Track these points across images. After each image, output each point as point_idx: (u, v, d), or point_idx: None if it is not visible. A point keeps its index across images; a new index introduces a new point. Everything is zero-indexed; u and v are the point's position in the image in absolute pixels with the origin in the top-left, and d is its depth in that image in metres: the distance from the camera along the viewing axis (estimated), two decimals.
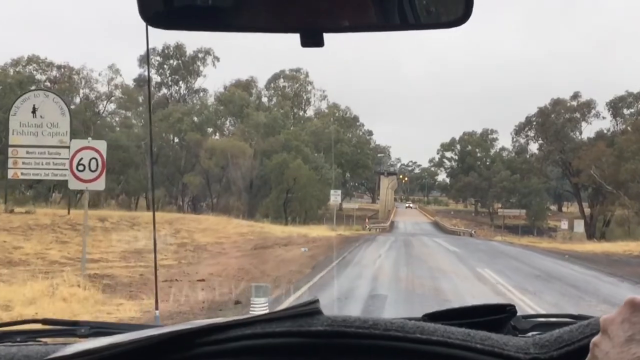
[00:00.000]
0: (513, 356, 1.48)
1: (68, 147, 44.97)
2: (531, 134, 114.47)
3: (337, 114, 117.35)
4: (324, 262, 33.49)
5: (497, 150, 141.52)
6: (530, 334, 1.84)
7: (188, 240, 43.17)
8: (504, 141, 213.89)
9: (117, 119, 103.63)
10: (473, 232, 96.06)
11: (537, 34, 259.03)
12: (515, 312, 1.94)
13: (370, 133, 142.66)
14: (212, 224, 55.55)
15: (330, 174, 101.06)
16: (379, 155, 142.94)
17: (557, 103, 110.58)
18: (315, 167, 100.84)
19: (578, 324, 1.52)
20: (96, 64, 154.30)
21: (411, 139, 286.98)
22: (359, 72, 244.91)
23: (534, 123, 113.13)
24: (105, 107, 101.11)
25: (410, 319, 1.64)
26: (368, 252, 42.76)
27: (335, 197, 74.78)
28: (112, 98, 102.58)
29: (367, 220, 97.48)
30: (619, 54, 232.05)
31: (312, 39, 1.57)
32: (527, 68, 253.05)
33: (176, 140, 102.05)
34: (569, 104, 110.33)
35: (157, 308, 4.12)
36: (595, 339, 1.20)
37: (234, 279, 25.76)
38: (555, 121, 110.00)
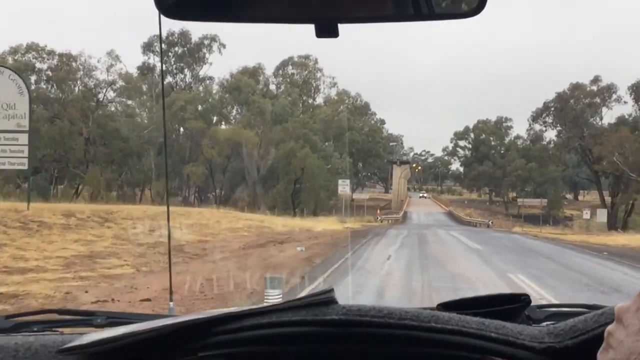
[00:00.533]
0: (528, 345, 1.48)
1: (27, 132, 37.86)
2: (549, 120, 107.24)
3: (347, 101, 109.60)
4: (319, 267, 26.38)
5: (512, 139, 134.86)
6: (544, 323, 1.74)
7: (166, 238, 35.82)
8: (519, 129, 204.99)
9: (119, 107, 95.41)
10: (490, 222, 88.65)
11: (553, 20, 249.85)
12: (530, 301, 1.90)
13: (382, 122, 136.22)
14: (204, 218, 48.52)
15: (341, 163, 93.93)
16: (391, 144, 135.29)
17: (576, 88, 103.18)
18: (325, 156, 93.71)
19: (592, 313, 1.50)
20: (98, 53, 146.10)
21: (424, 128, 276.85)
22: (370, 60, 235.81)
23: (552, 109, 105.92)
24: (105, 95, 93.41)
25: (424, 308, 1.61)
26: (376, 251, 35.50)
27: (343, 187, 67.69)
28: (113, 86, 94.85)
29: (378, 211, 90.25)
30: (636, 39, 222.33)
31: (327, 30, 1.54)
32: (543, 55, 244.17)
33: (181, 130, 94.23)
34: (588, 89, 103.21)
35: (171, 300, 3.82)
36: (610, 327, 1.18)
37: (189, 298, 18.31)
38: (574, 107, 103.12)
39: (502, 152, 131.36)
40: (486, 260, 32.20)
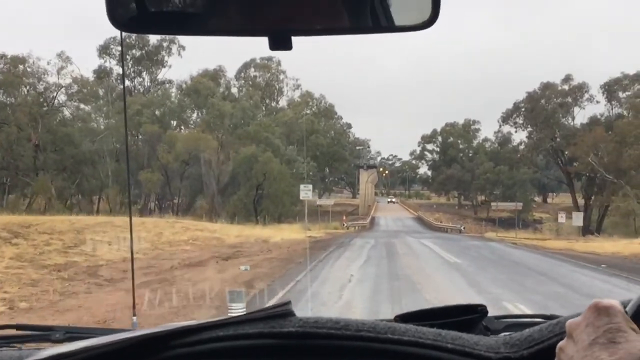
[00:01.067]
0: (484, 355, 1.45)
1: None
2: (519, 121, 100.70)
3: (311, 103, 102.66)
4: (259, 297, 19.09)
5: (480, 142, 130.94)
6: (502, 334, 1.68)
7: (84, 257, 28.79)
8: (487, 132, 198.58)
9: (71, 112, 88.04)
10: (462, 227, 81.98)
11: (519, 23, 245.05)
12: (487, 312, 1.89)
13: (348, 126, 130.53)
14: (145, 229, 41.63)
15: (305, 168, 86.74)
16: (357, 148, 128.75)
17: (547, 87, 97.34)
18: (288, 160, 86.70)
19: (548, 323, 1.49)
20: (50, 55, 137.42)
21: (391, 132, 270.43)
22: (335, 63, 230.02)
23: (523, 109, 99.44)
24: (55, 100, 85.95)
25: (382, 320, 1.59)
26: (336, 268, 28.88)
27: (305, 192, 60.72)
28: (68, 90, 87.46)
29: (344, 217, 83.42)
30: (606, 39, 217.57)
31: (280, 42, 1.52)
32: (510, 57, 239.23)
33: (139, 135, 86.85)
34: (559, 88, 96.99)
35: (134, 314, 3.30)
36: (561, 343, 1.18)
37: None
38: (545, 107, 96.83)
39: (470, 155, 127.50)
40: (471, 280, 25.40)
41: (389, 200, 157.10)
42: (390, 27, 1.58)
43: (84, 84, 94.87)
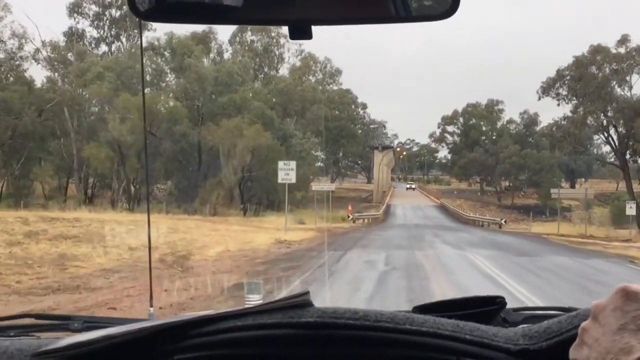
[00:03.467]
0: (502, 347, 1.36)
1: None
2: (563, 92, 74.23)
3: (313, 67, 77.06)
4: None
5: (504, 123, 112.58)
6: (520, 326, 1.53)
7: None
8: (511, 113, 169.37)
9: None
10: (503, 221, 56.27)
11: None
12: (505, 304, 1.73)
13: (364, 106, 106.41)
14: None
15: (304, 145, 61.89)
16: (372, 126, 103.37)
17: (597, 51, 71.47)
18: (283, 136, 61.52)
19: (566, 315, 1.38)
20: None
21: (408, 115, 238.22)
22: (350, 44, 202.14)
23: (568, 78, 72.98)
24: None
25: (400, 311, 1.48)
26: None
27: (286, 172, 36.12)
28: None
29: (350, 208, 58.08)
30: None
31: (300, 31, 1.43)
32: (533, 38, 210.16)
33: (93, 101, 62.05)
34: (614, 52, 70.69)
35: (151, 305, 2.92)
36: (584, 324, 1.09)
37: None
38: (595, 74, 70.13)
39: (493, 137, 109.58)
40: None
41: (408, 186, 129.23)
42: (410, 16, 1.46)
43: (54, 48, 71.18)
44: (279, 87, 68.44)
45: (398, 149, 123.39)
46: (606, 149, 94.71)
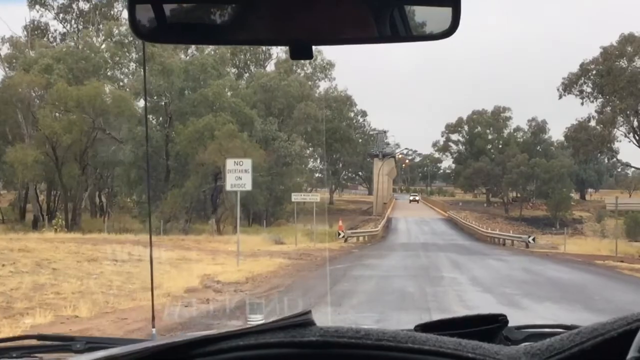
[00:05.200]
0: None
1: None
2: (587, 88, 60.12)
3: (302, 61, 62.58)
4: None
5: (511, 131, 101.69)
6: (522, 344, 1.47)
7: None
8: (519, 120, 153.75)
9: None
10: (531, 239, 42.11)
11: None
12: (507, 322, 1.66)
13: (364, 114, 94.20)
14: None
15: (289, 149, 47.71)
16: (372, 132, 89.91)
17: (628, 41, 57.17)
18: (265, 138, 47.47)
19: (568, 333, 1.32)
20: None
21: (410, 125, 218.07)
22: (349, 52, 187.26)
23: (593, 72, 58.83)
24: None
25: (402, 330, 1.42)
26: None
27: (237, 175, 21.28)
28: None
29: (340, 224, 43.85)
30: None
31: (301, 51, 1.39)
32: (540, 44, 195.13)
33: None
34: None
35: (153, 326, 2.78)
36: None
37: None
38: (625, 68, 56.00)
39: (500, 146, 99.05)
40: None
41: (412, 198, 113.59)
42: (410, 36, 1.41)
43: (14, 45, 58.20)
44: (261, 82, 54.46)
45: (400, 156, 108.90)
46: (621, 156, 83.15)
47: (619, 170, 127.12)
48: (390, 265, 25.88)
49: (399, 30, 1.37)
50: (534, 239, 43.13)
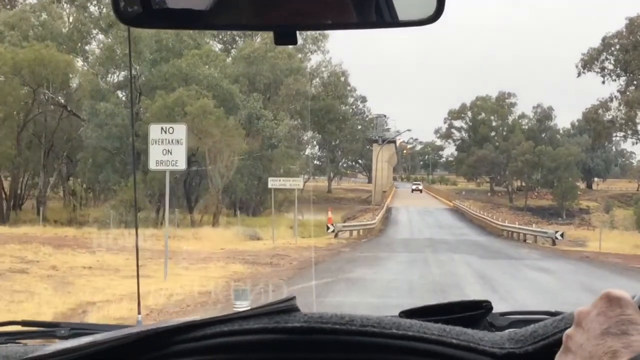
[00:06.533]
0: (488, 351, 1.26)
1: None
2: (609, 65, 51.34)
3: None
4: None
5: (516, 118, 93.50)
6: (506, 330, 1.46)
7: None
8: (523, 107, 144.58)
9: None
10: (559, 234, 33.06)
11: None
12: (491, 308, 1.61)
13: (363, 99, 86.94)
14: None
15: (275, 129, 39.09)
16: (371, 116, 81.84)
17: None
18: (248, 117, 38.98)
19: (552, 319, 1.29)
20: None
21: (411, 114, 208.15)
22: (347, 37, 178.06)
23: (617, 47, 50.03)
24: None
25: (387, 316, 1.37)
26: None
27: (165, 148, 12.11)
28: None
29: (329, 215, 34.98)
30: None
31: (285, 37, 1.32)
32: (545, 29, 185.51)
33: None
34: None
35: (139, 312, 2.83)
36: (568, 331, 1.00)
37: None
38: None
39: (504, 133, 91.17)
40: None
41: (415, 187, 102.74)
42: (395, 22, 1.35)
43: None
44: (243, 53, 45.64)
45: (401, 141, 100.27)
46: (626, 145, 77.80)
47: (623, 159, 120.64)
48: (387, 282, 17.16)
49: (384, 15, 1.30)
50: (562, 235, 34.26)
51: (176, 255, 21.99)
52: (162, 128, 16.12)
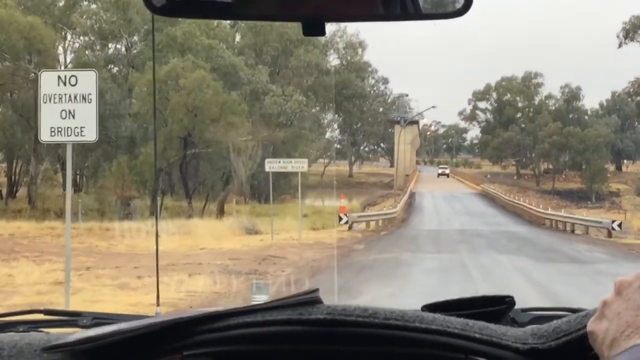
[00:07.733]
0: (512, 346, 1.24)
1: None
2: None
3: None
4: None
5: (543, 99, 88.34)
6: (529, 326, 1.39)
7: None
8: (550, 87, 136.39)
9: None
10: (617, 224, 26.24)
11: None
12: (514, 303, 1.52)
13: (385, 81, 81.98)
14: None
15: (284, 106, 32.90)
16: (393, 96, 76.36)
17: None
18: (252, 91, 32.75)
19: (575, 315, 1.26)
20: None
21: (434, 97, 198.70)
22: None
23: None
24: None
25: (409, 309, 1.36)
26: None
27: (63, 108, 6.67)
28: None
29: (341, 203, 28.50)
30: None
31: (314, 28, 1.28)
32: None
33: None
34: None
35: (158, 304, 2.42)
36: (607, 298, 0.98)
37: None
38: None
39: (531, 115, 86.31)
40: None
41: (441, 171, 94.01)
42: (422, 14, 1.32)
43: None
44: (250, 23, 39.56)
45: (425, 122, 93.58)
46: None
47: None
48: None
49: (410, 8, 1.26)
50: (619, 225, 27.80)
51: (130, 261, 15.94)
52: (59, 77, 9.92)
